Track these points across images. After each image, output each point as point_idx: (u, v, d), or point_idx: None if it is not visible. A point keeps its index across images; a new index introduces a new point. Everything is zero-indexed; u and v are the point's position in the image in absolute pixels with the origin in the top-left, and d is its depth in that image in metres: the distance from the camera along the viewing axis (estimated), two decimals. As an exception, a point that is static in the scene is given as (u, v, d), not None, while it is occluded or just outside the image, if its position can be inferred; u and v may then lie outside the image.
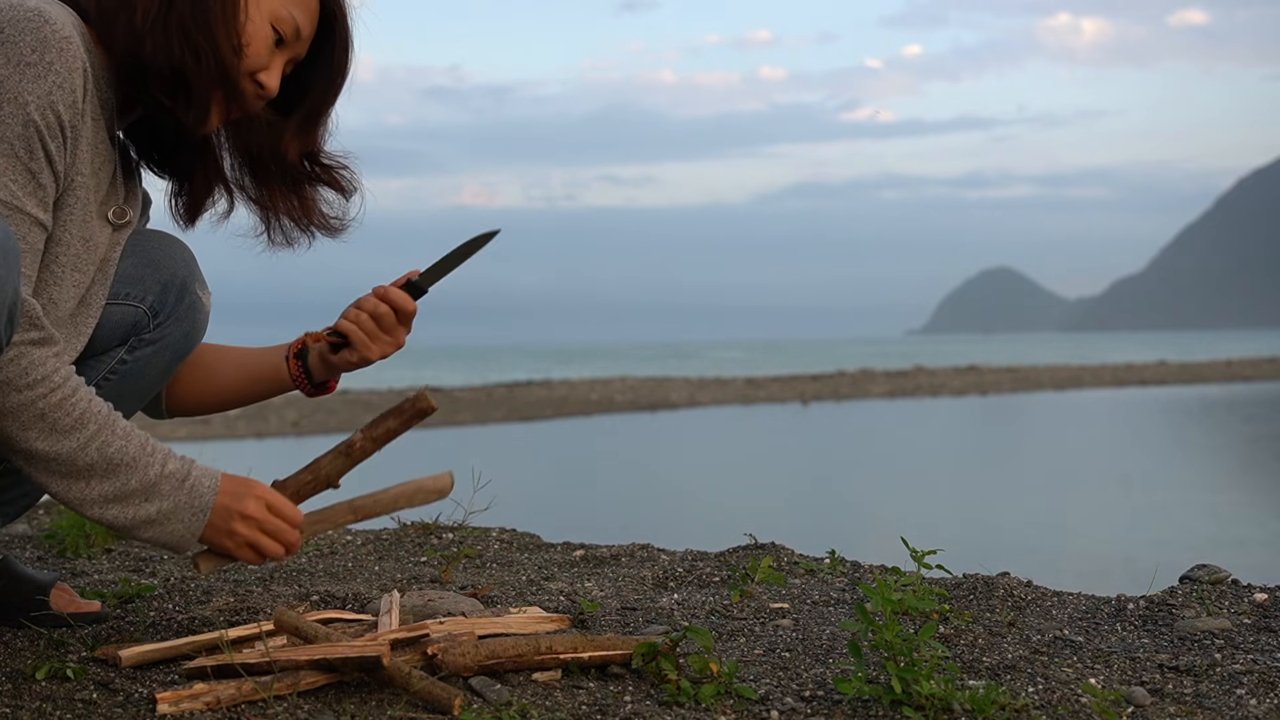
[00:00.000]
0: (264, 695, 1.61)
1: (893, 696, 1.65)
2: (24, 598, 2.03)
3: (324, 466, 1.90)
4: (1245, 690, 1.77)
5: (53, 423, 1.65)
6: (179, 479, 1.75)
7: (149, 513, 1.73)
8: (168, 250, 1.95)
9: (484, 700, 1.66)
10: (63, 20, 1.64)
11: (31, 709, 1.60)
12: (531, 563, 2.69)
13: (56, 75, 1.61)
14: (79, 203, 1.73)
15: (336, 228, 2.01)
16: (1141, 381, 37.53)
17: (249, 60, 1.79)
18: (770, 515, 10.92)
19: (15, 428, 1.64)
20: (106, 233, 1.82)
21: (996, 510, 12.09)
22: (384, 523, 3.12)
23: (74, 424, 1.67)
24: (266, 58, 1.81)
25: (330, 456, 1.91)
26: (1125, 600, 2.26)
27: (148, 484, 1.72)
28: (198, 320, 1.99)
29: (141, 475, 1.72)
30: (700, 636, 1.73)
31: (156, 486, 1.73)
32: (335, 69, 1.91)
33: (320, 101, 1.92)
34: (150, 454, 1.73)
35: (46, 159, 1.63)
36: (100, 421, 1.69)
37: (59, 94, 1.61)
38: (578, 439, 21.20)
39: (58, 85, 1.61)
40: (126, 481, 1.71)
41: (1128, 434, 21.25)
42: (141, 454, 1.72)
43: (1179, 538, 9.97)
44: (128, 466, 1.71)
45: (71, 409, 1.66)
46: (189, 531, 1.76)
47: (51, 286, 1.73)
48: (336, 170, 1.98)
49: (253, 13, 1.78)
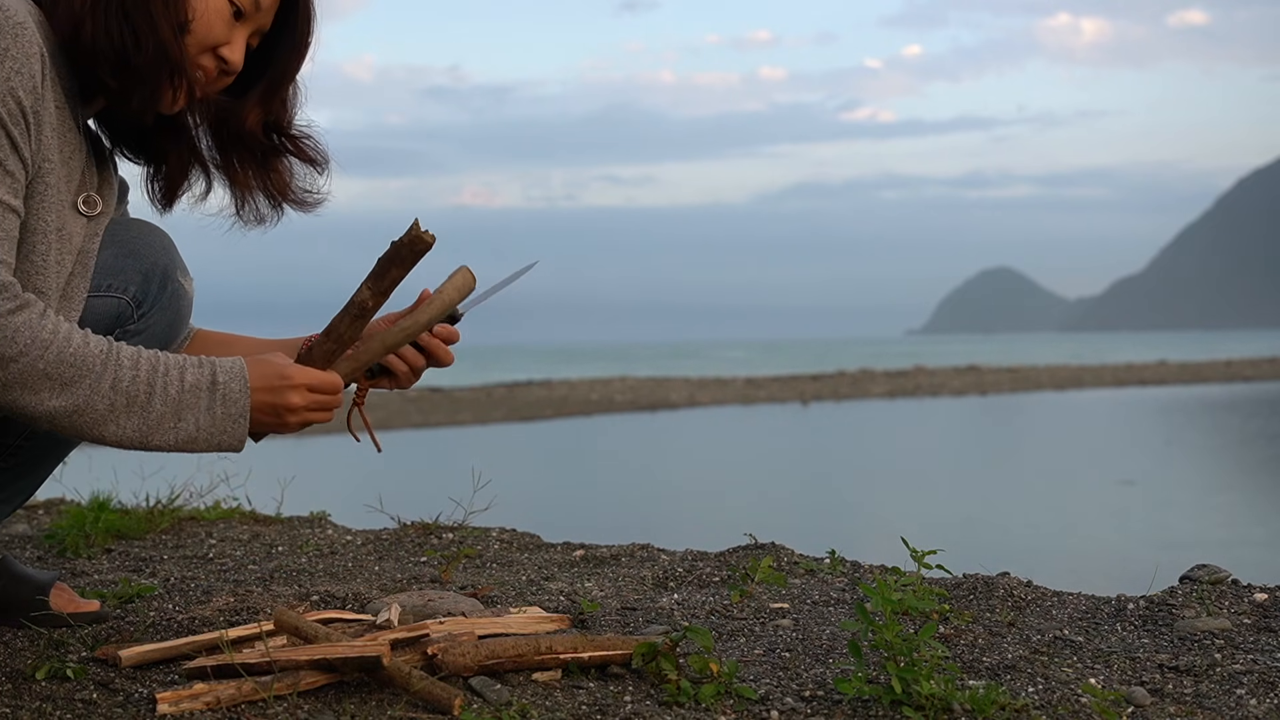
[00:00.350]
0: (264, 695, 1.61)
1: (893, 696, 1.65)
2: (24, 598, 2.03)
3: (343, 331, 1.87)
4: (1245, 690, 1.77)
5: (58, 378, 1.63)
6: (204, 389, 1.72)
7: (189, 431, 1.70)
8: (147, 239, 1.93)
9: (484, 700, 1.66)
10: (15, 6, 1.62)
11: (31, 709, 1.60)
12: (531, 563, 2.69)
13: (13, 61, 1.59)
14: (50, 190, 1.70)
15: (310, 201, 1.99)
16: (1141, 381, 37.54)
17: (201, 37, 1.76)
18: (770, 515, 10.92)
19: (27, 395, 1.62)
20: (80, 223, 1.79)
21: (996, 510, 12.09)
22: (384, 523, 3.12)
23: (78, 373, 1.64)
24: (225, 32, 1.78)
25: (346, 320, 1.86)
26: (1125, 600, 2.26)
27: (174, 405, 1.69)
28: (181, 308, 1.97)
29: (162, 398, 1.69)
30: (700, 636, 1.73)
31: (183, 403, 1.70)
32: (298, 37, 1.88)
33: (282, 71, 1.89)
34: (165, 374, 1.70)
35: (11, 146, 1.61)
36: (103, 360, 1.67)
37: (17, 79, 1.59)
38: (578, 439, 21.20)
39: (15, 71, 1.59)
40: (151, 409, 1.68)
41: (1128, 434, 21.26)
42: (155, 377, 1.69)
43: (1179, 538, 9.97)
44: (146, 395, 1.68)
45: (71, 359, 1.64)
46: (234, 438, 1.74)
47: (35, 277, 1.71)
48: (303, 141, 1.96)
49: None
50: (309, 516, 3.29)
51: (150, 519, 3.09)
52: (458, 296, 1.95)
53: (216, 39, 1.78)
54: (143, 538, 2.98)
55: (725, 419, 25.04)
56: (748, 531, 2.81)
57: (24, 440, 2.00)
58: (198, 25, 1.75)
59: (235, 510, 3.31)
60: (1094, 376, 39.61)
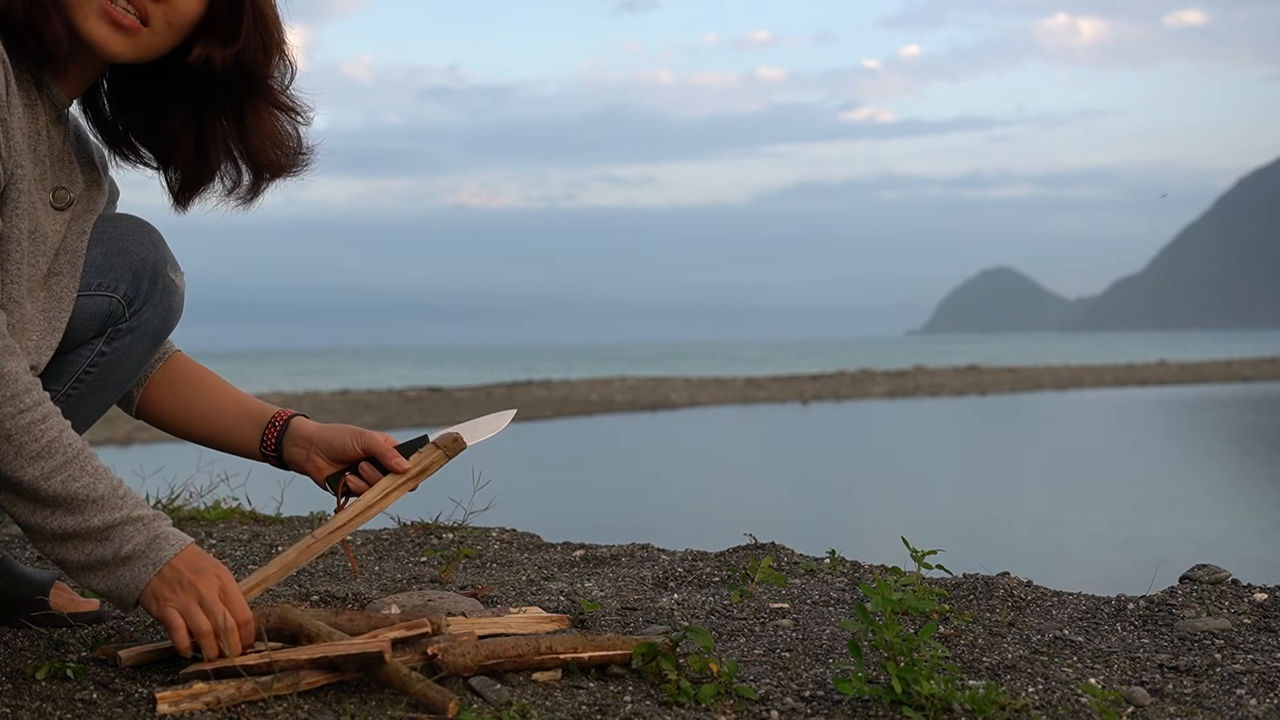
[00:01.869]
0: (264, 695, 1.61)
1: (893, 696, 1.65)
2: (24, 597, 2.03)
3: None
4: (1245, 690, 1.77)
5: (19, 446, 1.60)
6: (143, 524, 1.67)
7: (104, 554, 1.65)
8: (135, 235, 1.90)
9: (484, 700, 1.66)
10: None
11: (31, 709, 1.60)
12: (531, 563, 2.69)
13: None
14: (22, 195, 1.68)
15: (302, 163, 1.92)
16: (1141, 381, 37.53)
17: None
18: (770, 515, 10.92)
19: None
20: (57, 219, 1.78)
21: (996, 510, 12.09)
22: (384, 522, 3.12)
23: (41, 451, 1.61)
24: None
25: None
26: (1125, 600, 2.26)
27: (110, 524, 1.64)
28: (173, 304, 1.94)
29: (106, 515, 1.64)
30: (700, 636, 1.73)
31: (120, 529, 1.65)
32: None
33: (233, 11, 1.76)
34: (121, 497, 1.66)
35: None
36: (69, 454, 1.63)
37: None
38: (578, 439, 21.19)
39: None
40: (89, 519, 1.63)
41: (1128, 434, 21.26)
42: (112, 494, 1.65)
43: (1179, 538, 9.97)
44: (93, 504, 1.63)
45: (40, 435, 1.61)
46: (135, 582, 1.66)
47: (10, 285, 1.69)
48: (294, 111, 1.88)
49: None
50: (309, 516, 3.29)
51: (150, 519, 3.08)
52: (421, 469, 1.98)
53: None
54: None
55: (725, 419, 25.03)
56: (748, 531, 2.81)
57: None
58: None
59: (235, 510, 3.31)
60: (1094, 376, 39.60)
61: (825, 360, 61.29)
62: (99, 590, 1.68)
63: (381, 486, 1.96)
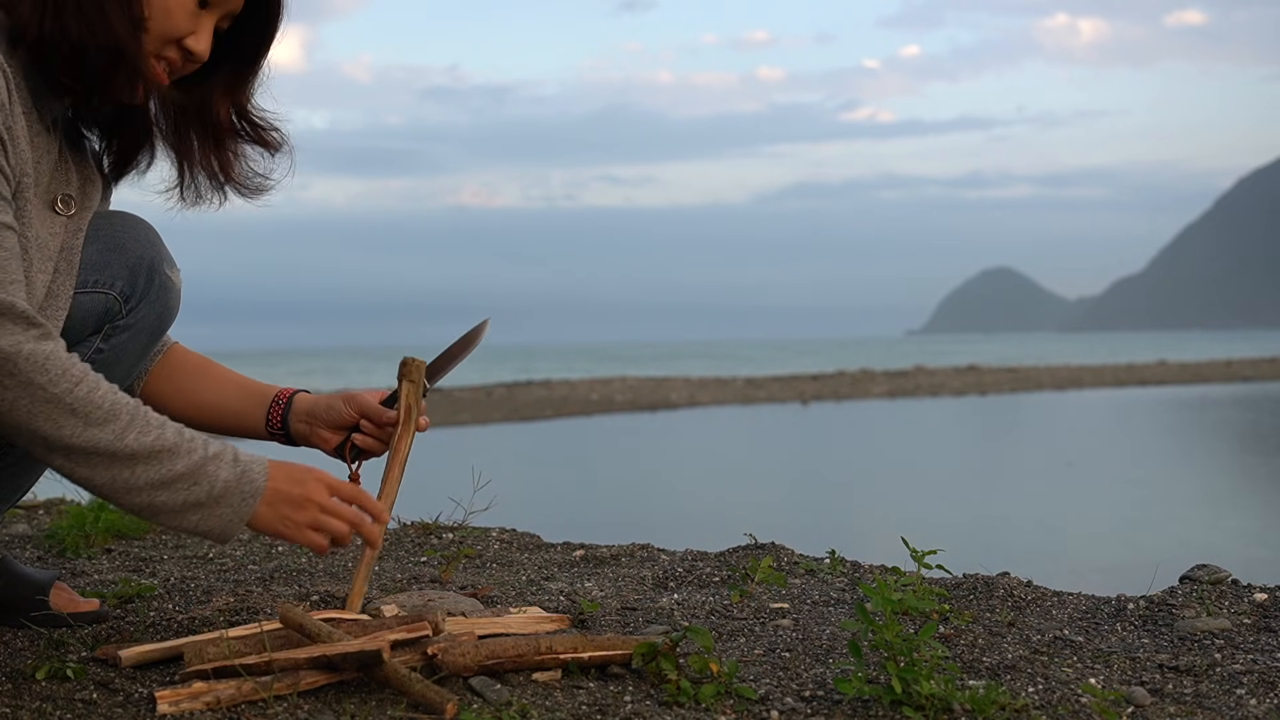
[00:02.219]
0: (264, 695, 1.61)
1: (893, 696, 1.65)
2: (24, 598, 2.02)
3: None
4: (1245, 690, 1.77)
5: (85, 416, 1.62)
6: (225, 461, 1.71)
7: (197, 496, 1.68)
8: (131, 232, 1.90)
9: (484, 700, 1.66)
10: None
11: (31, 709, 1.60)
12: (531, 563, 2.69)
13: None
14: (28, 203, 1.70)
15: (256, 188, 1.96)
16: (1141, 381, 37.53)
17: (161, 31, 1.72)
18: (770, 515, 10.92)
19: (49, 427, 1.61)
20: (59, 223, 1.78)
21: (996, 510, 12.09)
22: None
23: (106, 415, 1.63)
24: (189, 23, 1.75)
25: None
26: (1125, 600, 2.26)
27: (194, 467, 1.68)
28: (170, 301, 1.95)
29: (186, 459, 1.68)
30: (700, 636, 1.73)
31: (203, 469, 1.69)
32: (267, 20, 1.85)
33: (251, 56, 1.87)
34: (190, 439, 1.70)
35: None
36: (132, 410, 1.66)
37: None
38: (578, 439, 21.19)
39: None
40: (172, 466, 1.67)
41: (1127, 434, 21.25)
42: (181, 439, 1.69)
43: (1179, 538, 9.97)
44: (169, 452, 1.67)
45: (101, 400, 1.64)
46: (237, 517, 1.71)
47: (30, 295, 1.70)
48: (266, 131, 1.93)
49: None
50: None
51: (150, 519, 3.08)
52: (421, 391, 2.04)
53: (179, 31, 1.75)
54: (143, 537, 2.98)
55: (725, 419, 25.03)
56: (748, 531, 2.81)
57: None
58: (155, 21, 1.72)
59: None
60: (1094, 376, 39.60)
61: (825, 360, 61.27)
62: (200, 531, 1.71)
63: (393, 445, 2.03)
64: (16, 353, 1.58)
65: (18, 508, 3.18)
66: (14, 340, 1.58)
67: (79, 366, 1.64)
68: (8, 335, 1.58)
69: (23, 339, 1.59)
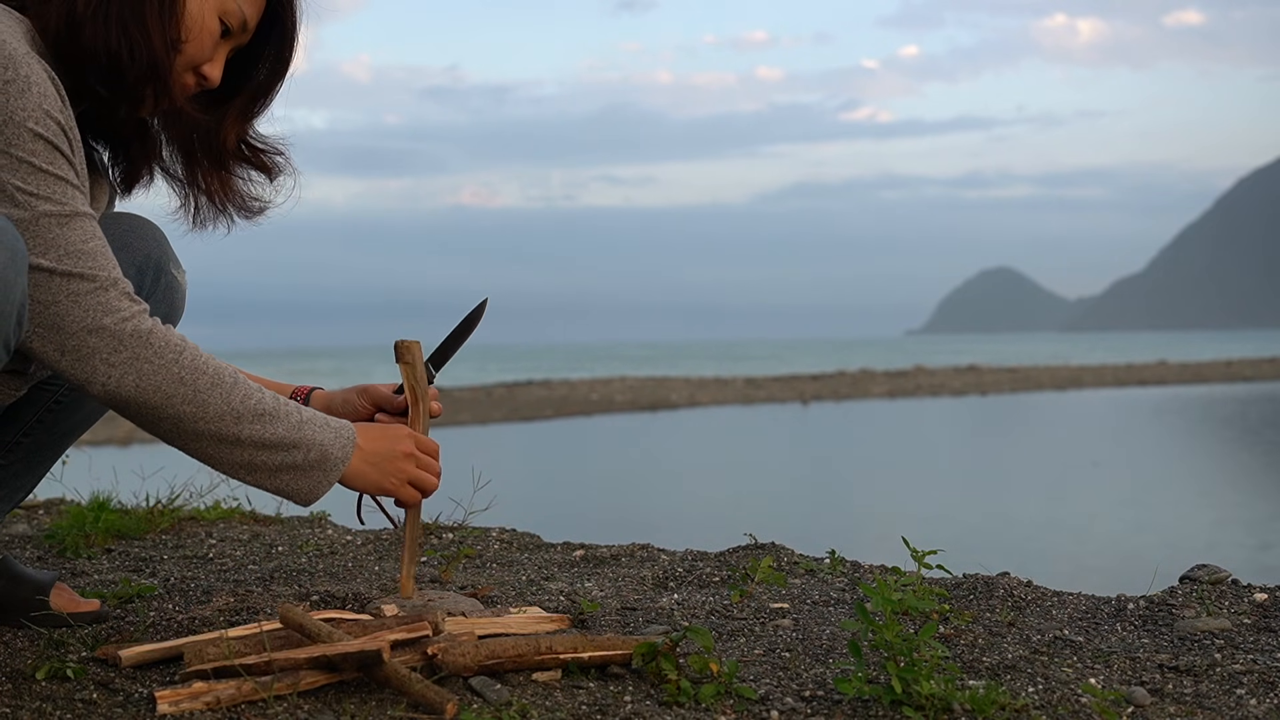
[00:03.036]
0: (264, 695, 1.61)
1: (893, 696, 1.65)
2: (24, 598, 2.03)
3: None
4: (1245, 690, 1.77)
5: (192, 384, 1.67)
6: (319, 424, 1.77)
7: (294, 459, 1.74)
8: (138, 232, 1.95)
9: (484, 700, 1.66)
10: (15, 36, 1.62)
11: (31, 709, 1.60)
12: (531, 563, 2.69)
13: (38, 86, 1.59)
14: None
15: (255, 210, 1.99)
16: (1141, 381, 37.54)
17: (190, 55, 1.77)
18: (770, 515, 10.92)
19: (158, 398, 1.66)
20: None
21: (996, 510, 12.09)
22: (384, 523, 3.11)
23: (211, 381, 1.68)
24: (211, 50, 1.80)
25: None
26: (1125, 600, 2.26)
27: (292, 430, 1.74)
28: (175, 300, 1.99)
29: (285, 423, 1.73)
30: (700, 636, 1.73)
31: (301, 433, 1.74)
32: (281, 59, 1.90)
33: (264, 90, 1.91)
34: (285, 404, 1.75)
35: (67, 161, 1.63)
36: (233, 375, 1.72)
37: (48, 102, 1.60)
38: (578, 439, 21.19)
39: (44, 95, 1.59)
40: (274, 430, 1.72)
41: (1128, 434, 21.26)
42: (279, 405, 1.74)
43: (1179, 538, 9.97)
44: (270, 416, 1.72)
45: (205, 366, 1.69)
46: (326, 480, 1.78)
47: None
48: (267, 154, 1.96)
49: (197, 5, 1.76)
50: (309, 516, 3.29)
51: (150, 519, 3.08)
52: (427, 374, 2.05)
53: (203, 58, 1.80)
54: (143, 538, 2.98)
55: (725, 419, 25.03)
56: (748, 531, 2.81)
57: (22, 436, 2.00)
58: (189, 45, 1.76)
59: (235, 510, 3.31)
60: (1094, 376, 39.60)
61: (825, 360, 61.28)
62: (289, 491, 1.77)
63: None
64: (122, 329, 1.63)
65: (18, 508, 3.18)
66: (120, 317, 1.63)
67: (178, 337, 1.69)
68: (115, 313, 1.63)
69: (128, 315, 1.64)
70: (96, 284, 1.62)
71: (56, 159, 1.61)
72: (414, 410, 2.01)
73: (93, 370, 1.63)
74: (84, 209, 1.64)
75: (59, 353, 1.62)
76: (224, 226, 1.99)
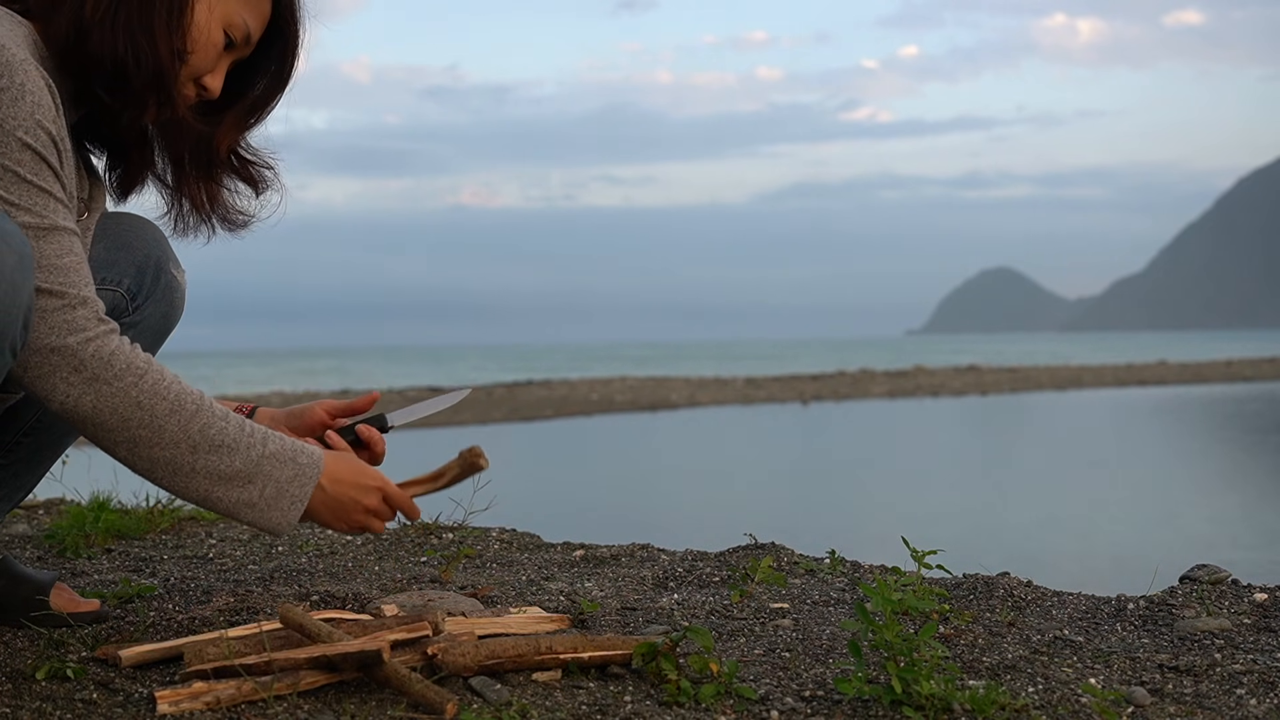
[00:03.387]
0: (264, 695, 1.61)
1: (893, 696, 1.65)
2: (24, 598, 2.03)
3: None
4: (1245, 690, 1.77)
5: (150, 409, 1.66)
6: (283, 460, 1.74)
7: (251, 495, 1.72)
8: (138, 231, 1.96)
9: (484, 700, 1.66)
10: (15, 42, 1.62)
11: (31, 709, 1.60)
12: (531, 563, 2.69)
13: (32, 95, 1.59)
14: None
15: (239, 223, 1.99)
16: (1141, 381, 37.52)
17: (194, 65, 1.78)
18: (770, 515, 10.92)
19: (114, 420, 1.65)
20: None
21: (996, 510, 12.09)
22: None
23: (170, 409, 1.67)
24: (213, 62, 1.81)
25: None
26: (1125, 600, 2.26)
27: (250, 465, 1.72)
28: (175, 299, 2.00)
29: (244, 456, 1.71)
30: (700, 636, 1.73)
31: (260, 468, 1.72)
32: (281, 74, 1.91)
33: (261, 103, 1.92)
34: (250, 435, 1.72)
35: (54, 174, 1.63)
36: (196, 401, 1.69)
37: (41, 112, 1.60)
38: (578, 439, 21.18)
39: (37, 104, 1.59)
40: (230, 463, 1.70)
41: (1128, 434, 21.25)
42: (241, 435, 1.72)
43: (1179, 538, 9.97)
44: (229, 448, 1.70)
45: (165, 392, 1.67)
46: (286, 519, 1.75)
47: None
48: (256, 166, 1.97)
49: (204, 17, 1.77)
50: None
51: (150, 519, 3.09)
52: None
53: (206, 69, 1.80)
54: (143, 538, 2.98)
55: (725, 419, 25.02)
56: (748, 531, 2.81)
57: (23, 436, 2.00)
58: (194, 57, 1.77)
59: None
60: (1094, 376, 39.59)
61: (825, 360, 61.29)
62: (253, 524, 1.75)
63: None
64: (84, 349, 1.62)
65: (18, 508, 3.18)
66: (84, 337, 1.62)
67: (143, 360, 1.67)
68: (80, 332, 1.62)
69: (92, 335, 1.63)
70: (65, 301, 1.61)
71: (42, 170, 1.60)
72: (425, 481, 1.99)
73: (52, 387, 1.62)
74: (64, 223, 1.63)
75: (21, 367, 1.62)
76: (205, 235, 1.98)
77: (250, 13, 1.81)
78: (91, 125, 1.90)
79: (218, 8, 1.78)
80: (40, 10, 1.72)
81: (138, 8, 1.71)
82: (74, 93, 1.76)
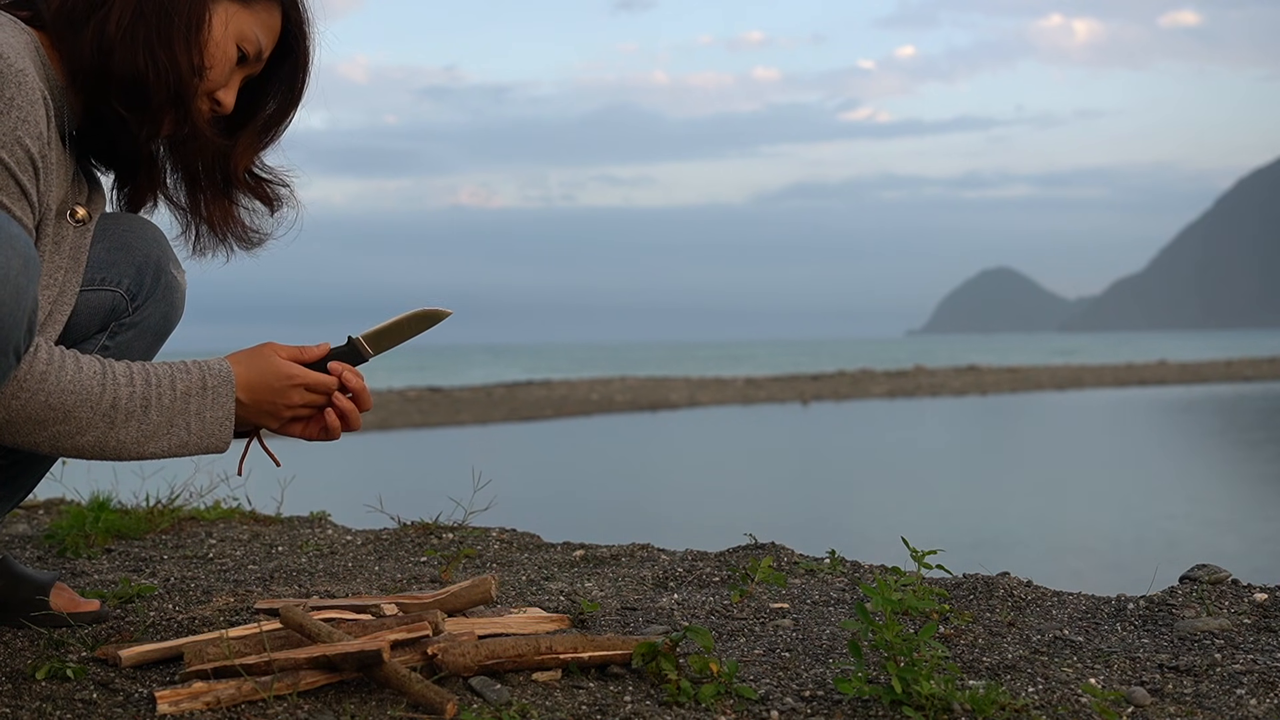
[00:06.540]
0: (264, 695, 1.61)
1: (893, 696, 1.65)
2: (24, 598, 2.03)
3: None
4: (1245, 690, 1.77)
5: (60, 408, 1.66)
6: (194, 394, 1.75)
7: (180, 437, 1.74)
8: (139, 232, 1.96)
9: (484, 700, 1.66)
10: (15, 50, 1.62)
11: (31, 709, 1.60)
12: (531, 563, 2.69)
13: (19, 110, 1.59)
14: (48, 224, 1.73)
15: (254, 241, 2.00)
16: (1141, 381, 37.52)
17: (213, 80, 1.80)
18: (770, 515, 10.92)
19: (34, 428, 1.66)
20: (67, 226, 1.81)
21: (996, 510, 12.09)
22: (384, 523, 3.12)
23: (78, 399, 1.67)
24: (228, 76, 1.82)
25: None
26: (1125, 600, 2.26)
27: (168, 413, 1.73)
28: (175, 300, 2.00)
29: (158, 408, 1.72)
30: (700, 636, 1.74)
31: (175, 410, 1.73)
32: (293, 90, 1.92)
33: (275, 120, 1.93)
34: (157, 385, 1.73)
35: (21, 192, 1.62)
36: (100, 382, 1.69)
37: (24, 128, 1.60)
38: (578, 439, 21.18)
39: (21, 120, 1.59)
40: (149, 420, 1.72)
41: (1127, 434, 21.26)
42: (149, 390, 1.72)
43: (1179, 538, 9.97)
44: (141, 410, 1.71)
45: (70, 385, 1.67)
46: (220, 440, 1.77)
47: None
48: (272, 184, 1.97)
49: (219, 32, 1.78)
50: (309, 516, 3.29)
51: (150, 519, 3.09)
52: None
53: (221, 84, 1.82)
54: (143, 538, 2.98)
55: (725, 419, 25.02)
56: (748, 531, 2.81)
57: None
58: (212, 71, 1.79)
59: (235, 510, 3.31)
60: (1094, 376, 39.59)
61: (825, 360, 61.29)
62: (196, 452, 1.77)
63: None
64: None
65: (18, 508, 3.18)
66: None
67: (41, 361, 1.65)
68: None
69: None
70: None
71: (8, 185, 1.60)
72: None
73: None
74: None
75: None
76: (223, 255, 1.99)
77: (262, 28, 1.83)
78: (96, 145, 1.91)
79: (232, 23, 1.80)
80: (58, 27, 1.72)
81: (157, 24, 1.72)
82: (85, 107, 1.77)
